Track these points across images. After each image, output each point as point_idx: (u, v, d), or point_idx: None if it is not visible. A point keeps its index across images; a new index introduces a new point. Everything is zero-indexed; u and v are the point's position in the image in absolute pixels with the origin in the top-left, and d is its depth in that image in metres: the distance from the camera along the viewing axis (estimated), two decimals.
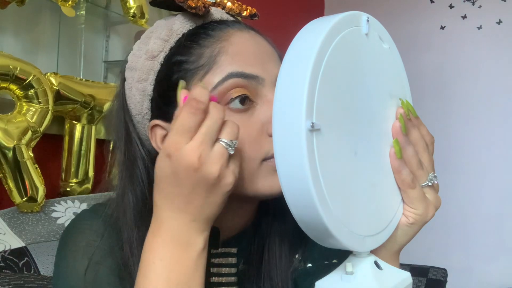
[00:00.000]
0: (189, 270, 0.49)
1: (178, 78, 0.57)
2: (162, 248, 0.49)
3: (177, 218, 0.49)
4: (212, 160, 0.48)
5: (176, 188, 0.49)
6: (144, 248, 0.51)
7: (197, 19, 0.60)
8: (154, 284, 0.48)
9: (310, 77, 0.41)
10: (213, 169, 0.48)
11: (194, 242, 0.50)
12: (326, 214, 0.41)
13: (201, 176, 0.48)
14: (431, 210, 0.53)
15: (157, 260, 0.49)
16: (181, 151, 0.48)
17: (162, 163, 0.49)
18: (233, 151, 0.49)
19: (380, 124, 0.50)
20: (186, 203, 0.49)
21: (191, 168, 0.47)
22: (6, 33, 1.29)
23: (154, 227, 0.51)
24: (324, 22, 0.45)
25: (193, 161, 0.47)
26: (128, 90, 0.61)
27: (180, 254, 0.49)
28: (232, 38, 0.58)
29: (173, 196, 0.49)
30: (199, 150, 0.47)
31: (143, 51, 0.60)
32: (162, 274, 0.48)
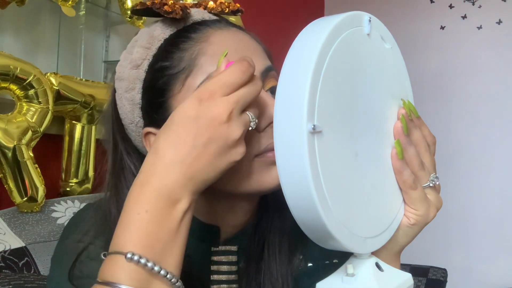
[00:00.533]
0: (172, 229, 0.45)
1: (162, 84, 0.57)
2: (150, 200, 0.45)
3: (177, 172, 0.45)
4: (239, 122, 0.47)
5: (190, 136, 0.46)
6: (129, 197, 0.46)
7: (177, 23, 0.60)
8: (135, 237, 0.44)
9: (311, 79, 0.41)
10: (237, 131, 0.46)
11: (182, 200, 0.46)
12: (327, 216, 0.41)
13: (223, 133, 0.46)
14: (433, 211, 0.53)
15: (143, 211, 0.44)
16: (215, 100, 0.46)
17: (188, 106, 0.46)
18: (254, 127, 0.49)
19: (382, 125, 0.50)
20: (194, 158, 0.46)
21: (217, 120, 0.45)
22: (6, 33, 1.29)
23: (144, 176, 0.46)
24: (326, 23, 0.45)
25: (223, 114, 0.45)
26: (119, 100, 0.61)
27: (167, 210, 0.45)
28: (211, 38, 0.58)
29: (183, 144, 0.46)
30: (232, 106, 0.46)
31: (128, 60, 0.60)
32: (146, 227, 0.44)
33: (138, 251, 0.43)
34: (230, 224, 0.63)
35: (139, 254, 0.42)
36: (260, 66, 0.58)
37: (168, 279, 0.43)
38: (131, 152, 0.62)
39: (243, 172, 0.55)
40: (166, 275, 0.43)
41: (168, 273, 0.43)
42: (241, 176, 0.55)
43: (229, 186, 0.56)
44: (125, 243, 0.44)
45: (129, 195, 0.46)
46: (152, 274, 0.43)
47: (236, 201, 0.62)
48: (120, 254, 0.43)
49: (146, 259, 0.42)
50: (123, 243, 0.44)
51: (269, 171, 0.55)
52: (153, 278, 0.43)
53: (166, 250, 0.44)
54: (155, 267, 0.43)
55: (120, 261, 0.43)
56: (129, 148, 0.62)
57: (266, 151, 0.55)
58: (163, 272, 0.43)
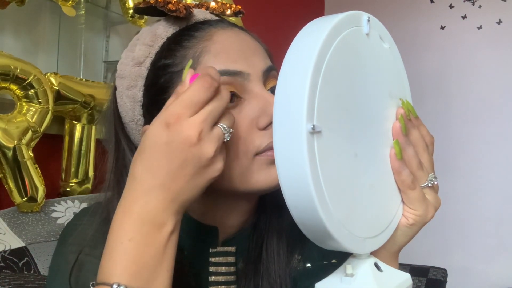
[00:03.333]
0: (158, 253, 0.45)
1: (164, 82, 0.57)
2: (133, 227, 0.45)
3: (157, 196, 0.46)
4: (210, 140, 0.47)
5: (164, 161, 0.46)
6: (112, 225, 0.46)
7: (180, 22, 0.60)
8: (120, 266, 0.44)
9: (311, 79, 0.41)
10: (210, 149, 0.46)
11: (167, 223, 0.46)
12: (327, 216, 0.41)
13: (196, 153, 0.46)
14: (431, 211, 0.53)
15: (126, 240, 0.44)
16: (182, 122, 0.46)
17: (157, 131, 0.47)
18: (228, 138, 0.49)
19: (380, 125, 0.50)
20: (171, 180, 0.46)
21: (188, 142, 0.45)
22: (6, 33, 1.29)
23: (126, 204, 0.46)
24: (325, 22, 0.45)
25: (193, 135, 0.45)
26: (119, 98, 0.61)
27: (152, 236, 0.45)
28: (214, 37, 0.58)
29: (159, 169, 0.46)
30: (200, 126, 0.46)
31: (130, 58, 0.60)
32: (130, 256, 0.44)
33: (124, 281, 0.43)
34: (228, 225, 0.63)
35: (125, 285, 0.43)
36: (261, 66, 0.58)
37: None
38: (133, 149, 0.62)
39: (243, 171, 0.55)
40: None
41: None
42: (241, 175, 0.55)
43: (229, 185, 0.56)
44: (110, 273, 0.44)
45: (112, 223, 0.47)
46: None
47: (235, 201, 0.62)
48: (106, 285, 0.43)
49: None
50: (109, 273, 0.44)
51: (269, 170, 0.55)
52: None
53: (153, 276, 0.45)
54: None
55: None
56: (131, 145, 0.63)
57: (266, 150, 0.55)
58: None
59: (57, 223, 1.10)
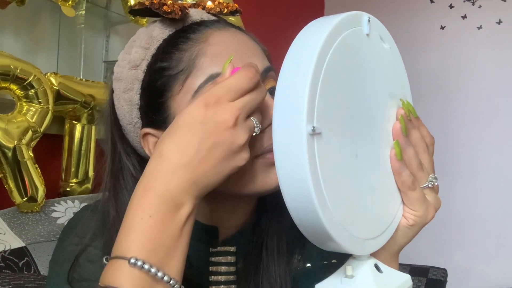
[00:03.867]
0: (175, 233, 0.45)
1: (161, 85, 0.57)
2: (153, 204, 0.45)
3: (181, 176, 0.45)
4: (244, 128, 0.47)
5: (196, 140, 0.45)
6: (132, 201, 0.46)
7: (176, 23, 0.60)
8: (138, 241, 0.43)
9: (311, 80, 0.41)
10: (243, 136, 0.47)
11: (185, 205, 0.46)
12: (327, 218, 0.41)
13: (229, 138, 0.46)
14: (431, 212, 0.53)
15: (146, 216, 0.44)
16: (222, 105, 0.46)
17: (194, 110, 0.46)
18: (258, 132, 0.50)
19: (380, 125, 0.50)
20: (199, 161, 0.45)
21: (223, 125, 0.46)
22: (6, 33, 1.29)
23: (147, 180, 0.46)
24: (325, 23, 0.44)
25: (230, 119, 0.46)
26: (117, 101, 0.61)
27: (171, 215, 0.45)
28: (210, 39, 0.58)
29: (189, 148, 0.45)
30: (238, 112, 0.46)
31: (126, 61, 0.60)
32: (149, 232, 0.44)
33: (141, 256, 0.43)
34: (228, 225, 0.63)
35: (143, 259, 0.42)
36: (259, 66, 0.58)
37: (171, 285, 0.43)
38: (130, 153, 0.62)
39: (243, 173, 0.55)
40: (169, 281, 0.43)
41: (171, 279, 0.43)
42: (241, 177, 0.55)
43: (230, 187, 0.55)
44: (128, 248, 0.43)
45: (132, 199, 0.46)
46: (155, 279, 0.43)
47: (235, 202, 0.62)
48: (124, 259, 0.43)
49: (150, 265, 0.42)
50: (126, 248, 0.43)
51: (269, 172, 0.55)
52: (156, 284, 0.43)
53: (169, 255, 0.44)
54: (159, 273, 0.43)
55: (123, 266, 0.42)
56: (128, 148, 0.62)
57: (266, 152, 0.55)
58: (166, 278, 0.43)
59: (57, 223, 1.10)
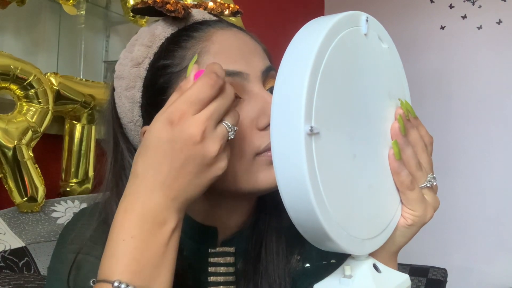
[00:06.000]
0: (160, 251, 0.45)
1: (164, 83, 0.57)
2: (135, 225, 0.45)
3: (159, 194, 0.45)
4: (214, 138, 0.46)
5: (167, 159, 0.45)
6: (114, 224, 0.46)
7: (178, 23, 0.60)
8: (122, 263, 0.43)
9: (308, 80, 0.41)
10: (213, 148, 0.46)
11: (168, 221, 0.46)
12: (324, 218, 0.41)
13: (199, 152, 0.45)
14: (430, 212, 0.53)
15: (128, 238, 0.44)
16: (186, 120, 0.46)
17: (160, 129, 0.46)
18: (233, 136, 0.49)
19: (379, 125, 0.50)
20: (174, 178, 0.45)
21: (191, 141, 0.45)
22: (6, 33, 1.29)
23: (128, 202, 0.46)
24: (323, 23, 0.44)
25: (196, 133, 0.45)
26: (118, 99, 0.61)
27: (154, 233, 0.45)
28: (213, 37, 0.58)
29: (161, 167, 0.46)
30: (204, 124, 0.46)
31: (128, 59, 0.60)
32: (131, 254, 0.44)
33: (125, 279, 0.43)
34: (227, 225, 0.63)
35: (126, 282, 0.42)
36: (261, 66, 0.58)
37: None
38: (132, 150, 0.62)
39: (243, 171, 0.55)
40: None
41: None
42: (241, 176, 0.55)
43: (229, 186, 0.55)
44: (111, 271, 0.43)
45: (114, 221, 0.46)
46: None
47: (234, 202, 0.62)
48: (108, 283, 0.43)
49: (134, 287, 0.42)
50: (110, 271, 0.44)
51: (269, 170, 0.55)
52: None
53: (154, 274, 0.44)
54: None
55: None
56: (130, 146, 0.63)
57: (266, 150, 0.55)
58: None
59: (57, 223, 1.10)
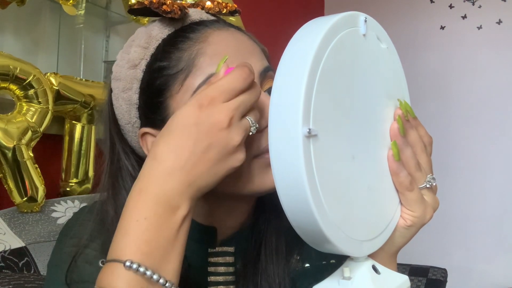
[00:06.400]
0: (171, 235, 0.45)
1: (160, 85, 0.57)
2: (149, 207, 0.44)
3: (176, 178, 0.45)
4: (239, 128, 0.47)
5: (190, 142, 0.45)
6: (127, 204, 0.46)
7: (175, 23, 0.60)
8: (134, 244, 0.43)
9: (306, 81, 0.40)
10: (237, 137, 0.47)
11: (181, 207, 0.45)
12: (323, 220, 0.41)
13: (223, 139, 0.46)
14: (429, 212, 0.53)
15: (141, 219, 0.44)
16: (215, 106, 0.46)
17: (188, 111, 0.46)
18: (254, 132, 0.49)
19: (378, 126, 0.50)
20: (194, 163, 0.45)
21: (217, 126, 0.46)
22: (6, 33, 1.29)
23: (143, 183, 0.46)
24: (321, 24, 0.44)
25: (224, 120, 0.46)
26: (115, 100, 0.61)
27: (166, 217, 0.45)
28: (210, 38, 0.58)
29: (183, 150, 0.45)
30: (233, 112, 0.46)
31: (125, 60, 0.60)
32: (144, 235, 0.44)
33: (136, 259, 0.43)
34: (227, 225, 0.63)
35: (138, 262, 0.42)
36: (258, 66, 0.58)
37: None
38: (128, 152, 0.62)
39: (242, 173, 0.55)
40: (165, 283, 0.43)
41: (167, 282, 0.43)
42: (240, 177, 0.55)
43: (228, 188, 0.55)
44: (123, 251, 0.43)
45: (127, 202, 0.46)
46: (151, 282, 0.43)
47: (234, 202, 0.62)
48: (119, 262, 0.43)
49: (145, 267, 0.42)
50: (122, 251, 0.43)
51: (267, 172, 0.55)
52: (152, 286, 0.43)
53: (165, 258, 0.44)
54: (154, 276, 0.43)
55: (119, 268, 0.42)
56: (127, 148, 0.62)
57: (264, 152, 0.55)
58: (162, 280, 0.43)
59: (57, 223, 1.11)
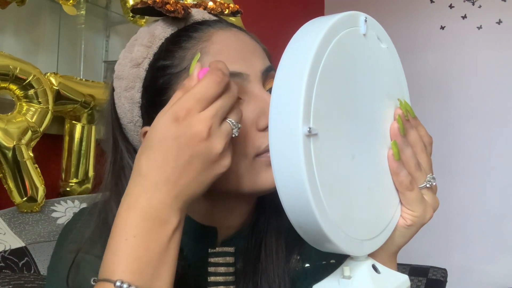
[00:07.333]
0: (162, 249, 0.45)
1: (163, 83, 0.57)
2: (137, 223, 0.44)
3: (162, 191, 0.45)
4: (220, 135, 0.47)
5: (172, 156, 0.45)
6: (116, 222, 0.46)
7: (178, 23, 0.60)
8: (123, 262, 0.43)
9: (307, 81, 0.41)
10: (219, 145, 0.46)
11: (170, 220, 0.45)
12: (323, 219, 0.41)
13: (205, 149, 0.46)
14: (429, 212, 0.53)
15: (130, 237, 0.44)
16: (192, 117, 0.46)
17: (165, 126, 0.46)
18: (237, 134, 0.49)
19: (378, 125, 0.50)
20: (178, 175, 0.45)
21: (197, 138, 0.45)
22: (6, 33, 1.29)
23: (130, 200, 0.46)
24: (321, 23, 0.44)
25: (203, 130, 0.45)
26: (118, 99, 0.61)
27: (156, 232, 0.45)
28: (213, 38, 0.58)
29: (165, 164, 0.45)
30: (211, 121, 0.46)
31: (128, 59, 0.60)
32: (133, 252, 0.44)
33: (127, 279, 0.43)
34: (227, 225, 0.63)
35: (128, 282, 0.42)
36: (260, 66, 0.58)
37: None
38: (131, 151, 0.62)
39: (243, 172, 0.55)
40: None
41: None
42: (241, 177, 0.55)
43: (229, 187, 0.55)
44: (113, 270, 0.43)
45: (116, 219, 0.46)
46: None
47: (234, 202, 0.62)
48: (109, 282, 0.43)
49: (136, 287, 0.42)
50: (112, 270, 0.43)
51: (268, 171, 0.55)
52: None
53: (156, 273, 0.44)
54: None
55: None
56: (129, 147, 0.63)
57: (266, 151, 0.55)
58: None
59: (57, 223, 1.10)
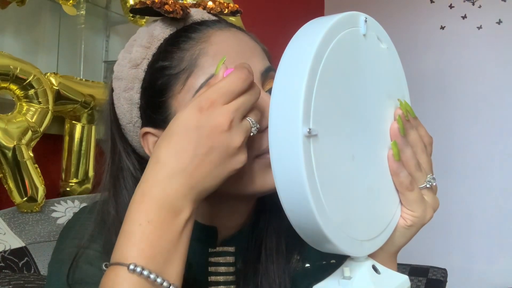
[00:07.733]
0: (174, 238, 0.45)
1: (162, 84, 0.57)
2: (152, 210, 0.45)
3: (178, 181, 0.45)
4: (240, 130, 0.47)
5: (191, 145, 0.46)
6: (131, 207, 0.46)
7: (177, 23, 0.60)
8: (137, 247, 0.44)
9: (306, 81, 0.40)
10: (238, 139, 0.47)
11: (184, 210, 0.46)
12: (323, 220, 0.41)
13: (224, 141, 0.46)
14: (429, 212, 0.53)
15: (145, 222, 0.44)
16: (215, 109, 0.46)
17: (188, 115, 0.47)
18: (255, 132, 0.50)
19: (378, 126, 0.50)
20: (195, 166, 0.46)
21: (218, 129, 0.46)
22: (6, 33, 1.29)
23: (146, 186, 0.46)
24: (321, 24, 0.44)
25: (224, 122, 0.46)
26: (117, 100, 0.61)
27: (169, 220, 0.45)
28: (212, 38, 0.58)
29: (185, 153, 0.46)
30: (233, 114, 0.47)
31: (127, 60, 0.60)
32: (148, 238, 0.44)
33: (140, 262, 0.43)
34: (227, 225, 0.63)
35: (142, 266, 0.43)
36: (260, 66, 0.58)
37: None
38: (129, 152, 0.62)
39: (243, 173, 0.55)
40: (168, 286, 0.43)
41: (171, 285, 0.44)
42: (241, 178, 0.55)
43: (229, 188, 0.55)
44: (127, 254, 0.44)
45: (130, 205, 0.46)
46: (154, 285, 0.43)
47: (235, 202, 0.62)
48: (123, 265, 0.43)
49: (149, 271, 0.43)
50: (125, 254, 0.44)
51: (268, 172, 0.55)
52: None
53: (168, 260, 0.45)
54: (158, 279, 0.43)
55: (122, 272, 0.43)
56: (128, 148, 0.63)
57: (266, 152, 0.55)
58: (166, 283, 0.43)
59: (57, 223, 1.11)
